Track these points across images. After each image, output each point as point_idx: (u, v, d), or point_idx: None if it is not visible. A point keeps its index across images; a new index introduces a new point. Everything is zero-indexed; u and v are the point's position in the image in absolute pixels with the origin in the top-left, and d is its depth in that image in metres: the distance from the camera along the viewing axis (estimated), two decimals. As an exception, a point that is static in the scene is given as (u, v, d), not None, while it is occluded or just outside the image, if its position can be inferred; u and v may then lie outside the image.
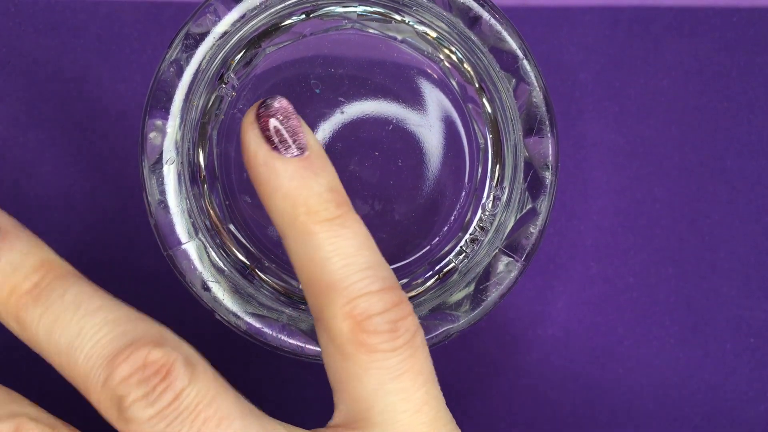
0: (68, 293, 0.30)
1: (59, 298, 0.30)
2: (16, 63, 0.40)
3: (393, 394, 0.30)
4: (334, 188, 0.30)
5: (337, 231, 0.29)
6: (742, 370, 0.41)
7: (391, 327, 0.29)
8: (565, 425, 0.41)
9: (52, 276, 0.30)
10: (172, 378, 0.29)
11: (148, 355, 0.29)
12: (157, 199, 0.32)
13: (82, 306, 0.30)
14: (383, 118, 0.33)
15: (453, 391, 0.40)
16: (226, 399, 0.30)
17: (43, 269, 0.30)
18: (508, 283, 0.33)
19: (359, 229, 0.30)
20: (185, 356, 0.30)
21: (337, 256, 0.29)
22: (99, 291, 0.30)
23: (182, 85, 0.32)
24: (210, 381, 0.30)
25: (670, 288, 0.40)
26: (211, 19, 0.32)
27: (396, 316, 0.29)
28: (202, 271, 0.33)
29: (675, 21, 0.40)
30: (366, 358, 0.30)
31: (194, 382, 0.29)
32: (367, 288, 0.29)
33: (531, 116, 0.32)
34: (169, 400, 0.29)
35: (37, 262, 0.30)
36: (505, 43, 0.32)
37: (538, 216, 0.33)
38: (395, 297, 0.29)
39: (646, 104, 0.40)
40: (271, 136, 0.30)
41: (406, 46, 0.33)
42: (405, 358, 0.30)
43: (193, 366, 0.30)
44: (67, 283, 0.30)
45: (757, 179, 0.40)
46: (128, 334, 0.29)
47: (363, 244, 0.29)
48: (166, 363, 0.29)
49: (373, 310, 0.29)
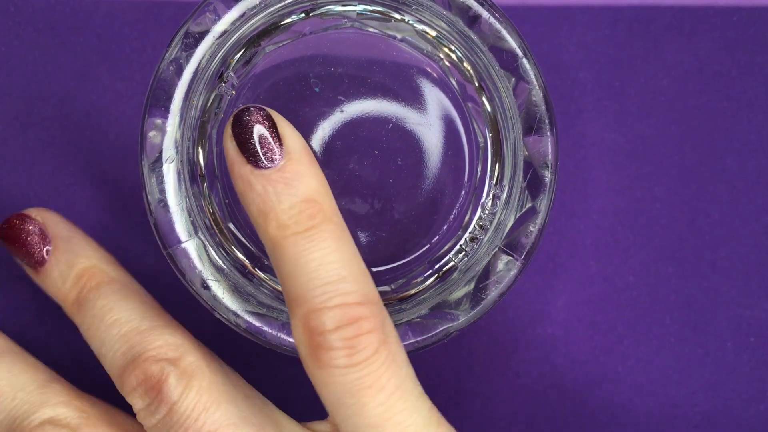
0: (96, 306, 0.34)
1: (90, 311, 0.34)
2: (16, 62, 0.40)
3: (349, 408, 0.30)
4: (309, 198, 0.30)
5: (304, 245, 0.29)
6: (742, 369, 0.41)
7: (345, 344, 0.29)
8: (565, 424, 0.41)
9: (88, 288, 0.34)
10: (163, 393, 0.32)
11: (146, 371, 0.32)
12: (156, 198, 0.32)
13: (105, 319, 0.33)
14: (383, 116, 0.33)
15: (453, 390, 0.40)
16: (216, 411, 0.32)
17: (82, 280, 0.34)
18: (508, 282, 0.33)
19: (331, 242, 0.30)
20: (182, 369, 0.32)
21: (301, 270, 0.29)
22: (120, 301, 0.34)
23: (182, 84, 0.32)
24: (203, 394, 0.32)
25: (670, 287, 0.40)
26: (210, 18, 0.32)
27: (352, 333, 0.29)
28: (202, 270, 0.33)
29: (675, 20, 0.40)
30: (322, 373, 0.30)
31: (185, 397, 0.32)
32: (323, 304, 0.29)
33: (530, 115, 0.32)
34: (164, 413, 0.32)
35: (79, 272, 0.34)
36: (505, 42, 0.32)
37: (538, 215, 0.33)
38: (354, 313, 0.29)
39: (645, 103, 0.40)
40: (247, 148, 0.30)
41: (406, 44, 0.33)
42: (364, 375, 0.29)
43: (188, 378, 0.32)
44: (97, 295, 0.34)
45: (757, 178, 0.40)
46: (135, 348, 0.32)
47: (332, 257, 0.29)
48: (160, 378, 0.32)
49: (326, 326, 0.29)
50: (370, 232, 0.34)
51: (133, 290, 0.35)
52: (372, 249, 0.34)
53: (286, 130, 0.30)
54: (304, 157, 0.30)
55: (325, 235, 0.30)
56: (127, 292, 0.34)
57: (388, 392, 0.30)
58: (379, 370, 0.30)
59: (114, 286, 0.34)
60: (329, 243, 0.30)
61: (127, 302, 0.34)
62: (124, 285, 0.35)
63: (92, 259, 0.35)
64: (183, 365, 0.32)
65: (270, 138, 0.30)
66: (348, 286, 0.29)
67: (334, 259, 0.30)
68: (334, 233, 0.30)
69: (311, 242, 0.30)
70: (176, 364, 0.32)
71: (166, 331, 0.33)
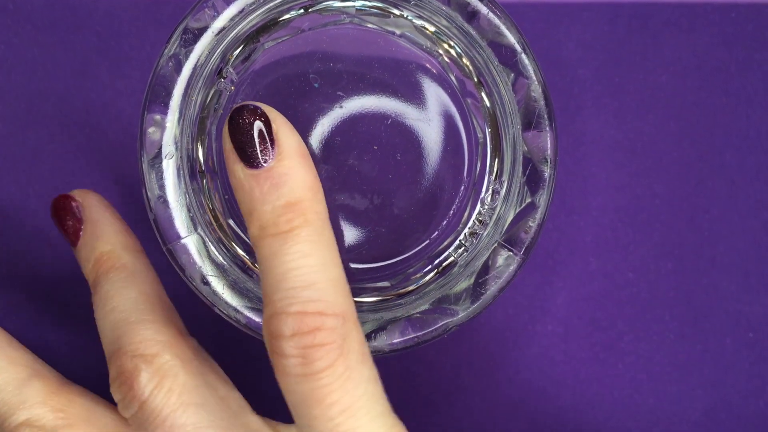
0: (101, 291, 0.34)
1: (97, 295, 0.34)
2: (16, 60, 0.40)
3: (303, 417, 0.30)
4: (292, 201, 0.30)
5: (279, 247, 0.29)
6: (741, 365, 0.41)
7: (299, 352, 0.29)
8: (565, 421, 0.41)
9: (101, 272, 0.35)
10: (134, 390, 0.32)
11: (122, 365, 0.32)
12: (156, 194, 0.32)
13: (105, 305, 0.34)
14: (382, 112, 0.33)
15: (452, 386, 0.40)
16: (183, 414, 0.32)
17: (98, 264, 0.35)
18: (508, 277, 0.33)
19: (305, 245, 0.29)
20: (156, 367, 0.32)
21: (272, 272, 0.29)
22: (122, 289, 0.34)
23: (181, 80, 0.32)
24: (172, 395, 0.32)
25: (670, 283, 0.40)
26: (209, 14, 0.32)
27: (307, 342, 0.29)
28: (202, 266, 0.33)
29: (674, 17, 0.40)
30: (279, 378, 0.30)
31: (153, 396, 0.32)
32: (283, 309, 0.29)
33: (530, 110, 0.32)
34: (135, 409, 0.32)
35: (98, 256, 0.35)
36: (504, 38, 0.32)
37: (537, 210, 0.33)
38: (312, 322, 0.29)
39: (645, 100, 0.40)
40: (241, 147, 0.30)
41: (405, 40, 0.33)
42: (316, 387, 0.29)
43: (159, 377, 0.32)
44: (106, 279, 0.34)
45: (756, 174, 0.40)
46: (119, 340, 0.33)
47: (302, 261, 0.29)
48: (131, 376, 0.32)
49: (283, 332, 0.29)
50: (370, 227, 0.34)
51: (138, 279, 0.34)
52: (371, 244, 0.34)
53: (281, 129, 0.30)
54: (295, 158, 0.30)
55: (300, 239, 0.29)
56: (132, 280, 0.34)
57: (339, 408, 0.29)
58: (332, 384, 0.29)
59: (121, 273, 0.34)
60: (303, 247, 0.29)
61: (128, 290, 0.34)
62: (132, 272, 0.35)
63: (110, 244, 0.35)
64: (157, 364, 0.32)
65: (264, 137, 0.30)
66: (312, 293, 0.29)
67: (304, 263, 0.29)
68: (310, 237, 0.30)
69: (285, 244, 0.29)
70: (150, 362, 0.32)
71: (153, 326, 0.33)
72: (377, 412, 0.30)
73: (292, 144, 0.30)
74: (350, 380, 0.29)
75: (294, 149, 0.30)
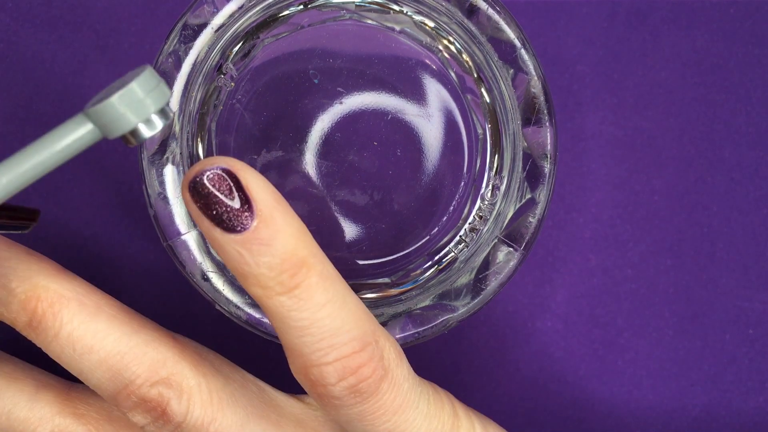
0: (60, 336, 0.31)
1: (54, 340, 0.31)
2: (14, 57, 0.40)
3: (358, 429, 0.31)
4: (288, 256, 0.28)
5: (291, 306, 0.29)
6: (741, 361, 0.41)
7: (349, 392, 0.30)
8: (565, 417, 0.41)
9: (40, 314, 0.31)
10: (168, 415, 0.31)
11: (143, 396, 0.31)
12: (156, 191, 0.32)
13: (76, 348, 0.31)
14: (382, 109, 0.33)
15: (453, 383, 0.40)
16: (223, 419, 0.32)
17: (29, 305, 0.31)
18: (508, 272, 0.33)
19: (319, 296, 0.29)
20: (179, 388, 0.31)
21: (292, 330, 0.29)
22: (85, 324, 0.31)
23: (180, 77, 0.32)
24: (206, 407, 0.32)
25: (669, 279, 0.41)
26: (208, 11, 0.32)
27: (354, 381, 0.30)
28: (202, 262, 0.33)
29: (673, 13, 0.40)
30: (329, 409, 0.31)
31: (190, 415, 0.31)
32: (320, 360, 0.29)
33: (529, 106, 0.32)
34: (172, 429, 0.32)
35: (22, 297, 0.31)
36: (503, 33, 0.32)
37: (537, 205, 0.33)
38: (353, 363, 0.29)
39: (644, 96, 0.40)
40: (211, 215, 0.28)
41: (405, 36, 0.33)
42: (369, 407, 0.30)
43: (188, 396, 0.31)
44: (56, 322, 0.31)
45: (755, 171, 0.41)
46: (121, 375, 0.31)
47: (321, 313, 0.29)
48: (161, 402, 0.31)
49: (328, 381, 0.30)
50: (370, 223, 0.34)
51: (89, 303, 0.32)
52: (371, 241, 0.34)
53: (251, 183, 0.28)
54: (276, 212, 0.28)
55: (312, 291, 0.29)
56: (88, 309, 0.31)
57: (392, 412, 0.31)
58: (383, 398, 0.30)
59: (71, 306, 0.31)
60: (317, 298, 0.29)
61: (94, 323, 0.31)
62: (77, 300, 0.31)
63: (30, 278, 0.31)
64: (177, 382, 0.31)
65: (234, 196, 0.28)
66: (342, 338, 0.29)
67: (324, 314, 0.29)
68: (320, 286, 0.29)
69: (298, 302, 0.29)
70: (171, 384, 0.31)
71: (148, 347, 0.32)
72: (417, 390, 0.31)
73: (266, 196, 0.28)
74: (396, 386, 0.31)
75: (271, 201, 0.28)
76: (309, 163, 0.34)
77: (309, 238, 0.29)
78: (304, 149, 0.34)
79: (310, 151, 0.33)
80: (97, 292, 0.32)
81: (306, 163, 0.34)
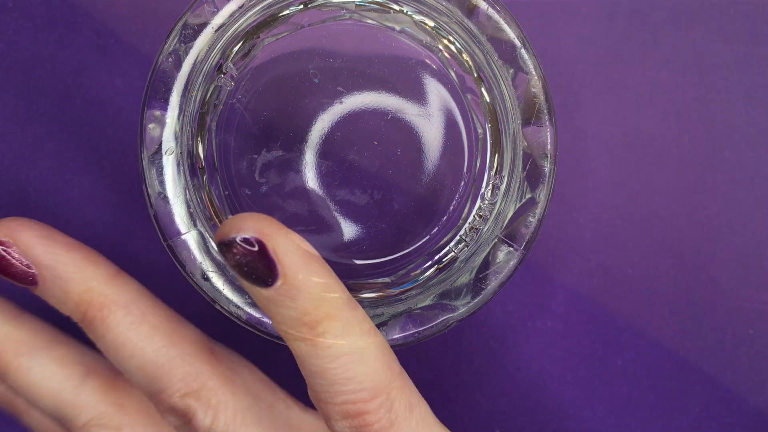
0: (107, 339, 0.34)
1: (101, 340, 0.34)
2: (15, 58, 0.40)
3: None
4: (309, 311, 0.30)
5: (309, 351, 0.30)
6: (741, 361, 0.41)
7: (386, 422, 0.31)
8: (565, 418, 0.41)
9: (90, 317, 0.34)
10: (193, 426, 0.33)
11: (173, 406, 0.33)
12: (156, 190, 0.32)
13: (119, 351, 0.34)
14: (382, 108, 0.33)
15: (453, 383, 0.40)
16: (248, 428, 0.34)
17: (81, 307, 0.34)
18: (508, 272, 0.33)
19: (333, 349, 0.30)
20: (206, 402, 0.33)
21: (306, 368, 0.30)
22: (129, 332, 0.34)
23: (181, 76, 0.32)
24: (229, 424, 0.34)
25: (669, 279, 0.41)
26: (209, 10, 0.32)
27: (357, 423, 0.31)
28: (202, 262, 0.33)
29: (673, 13, 0.40)
30: None
31: (215, 428, 0.33)
32: (327, 399, 0.31)
33: (529, 105, 0.32)
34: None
35: (76, 299, 0.34)
36: (503, 33, 0.32)
37: (537, 205, 0.33)
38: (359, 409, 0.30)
39: (644, 96, 0.40)
40: (242, 271, 0.29)
41: (405, 36, 0.33)
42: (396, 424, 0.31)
43: (213, 411, 0.33)
44: (104, 327, 0.34)
45: (756, 170, 0.41)
46: (157, 383, 0.33)
47: (334, 362, 0.30)
48: (186, 414, 0.33)
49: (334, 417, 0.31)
50: (370, 223, 0.34)
51: (135, 309, 0.34)
52: (372, 240, 0.34)
53: (278, 249, 0.29)
54: (301, 274, 0.29)
55: (327, 345, 0.30)
56: (130, 316, 0.34)
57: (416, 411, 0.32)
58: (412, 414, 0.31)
59: (116, 313, 0.34)
60: (332, 352, 0.30)
61: (136, 331, 0.34)
62: (125, 307, 0.34)
63: (85, 282, 0.34)
64: (206, 397, 0.33)
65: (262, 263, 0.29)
66: (352, 387, 0.30)
67: (336, 365, 0.30)
68: (337, 341, 0.30)
69: (315, 350, 0.30)
70: (199, 398, 0.33)
71: (184, 360, 0.34)
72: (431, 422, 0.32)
73: (293, 260, 0.29)
74: (404, 422, 0.31)
75: (297, 264, 0.29)
76: (309, 163, 0.34)
77: (334, 296, 0.30)
78: (304, 149, 0.34)
79: (311, 150, 0.33)
80: (146, 299, 0.34)
81: (306, 163, 0.34)
